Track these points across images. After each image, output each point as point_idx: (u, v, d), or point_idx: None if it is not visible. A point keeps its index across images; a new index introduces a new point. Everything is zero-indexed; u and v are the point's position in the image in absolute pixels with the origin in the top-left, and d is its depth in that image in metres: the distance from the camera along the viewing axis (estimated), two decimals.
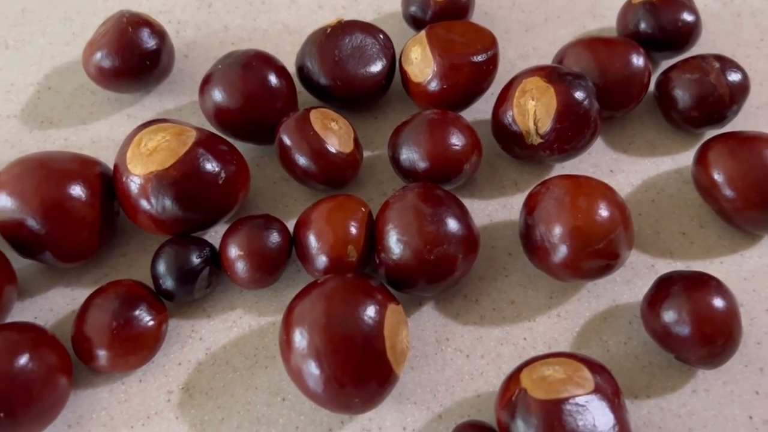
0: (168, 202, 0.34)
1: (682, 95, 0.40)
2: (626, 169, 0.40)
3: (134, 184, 0.35)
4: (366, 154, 0.41)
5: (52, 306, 0.37)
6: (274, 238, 0.35)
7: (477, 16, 0.46)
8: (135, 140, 0.36)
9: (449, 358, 0.35)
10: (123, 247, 0.38)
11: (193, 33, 0.46)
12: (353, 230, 0.35)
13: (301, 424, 0.33)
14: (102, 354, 0.34)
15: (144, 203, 0.35)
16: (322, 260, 0.35)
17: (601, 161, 0.41)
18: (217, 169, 0.35)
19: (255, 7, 0.47)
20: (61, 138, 0.42)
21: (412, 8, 0.44)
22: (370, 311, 0.32)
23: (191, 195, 0.35)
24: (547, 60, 0.44)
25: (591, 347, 0.35)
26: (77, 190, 0.35)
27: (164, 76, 0.43)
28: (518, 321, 0.36)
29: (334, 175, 0.38)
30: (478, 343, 0.35)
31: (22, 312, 0.36)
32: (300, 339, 0.31)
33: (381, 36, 0.42)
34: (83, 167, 0.36)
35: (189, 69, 0.45)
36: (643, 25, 0.42)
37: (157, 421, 0.34)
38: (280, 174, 0.40)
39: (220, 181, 0.36)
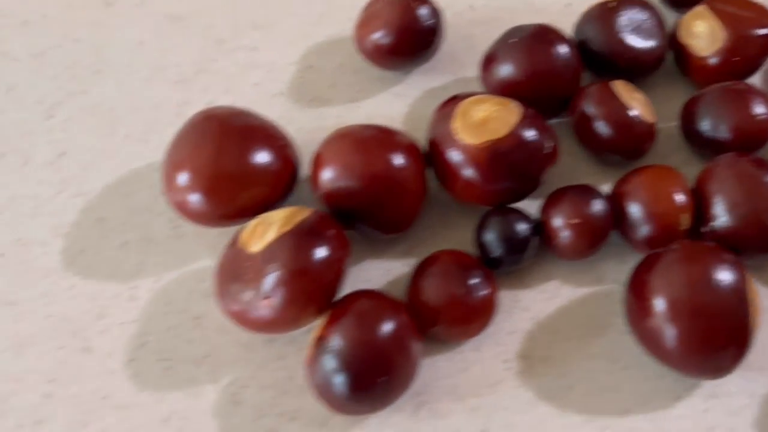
0: (503, 171, 0.35)
1: None
2: None
3: (467, 153, 0.35)
4: None
5: (369, 277, 0.37)
6: (600, 206, 0.36)
7: None
8: (459, 111, 0.36)
9: None
10: (425, 220, 0.38)
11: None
12: (682, 198, 0.35)
13: (648, 390, 0.33)
14: (444, 322, 0.34)
15: (473, 173, 0.35)
16: (649, 229, 0.35)
17: None
18: (543, 139, 0.36)
19: None
20: (333, 115, 0.42)
21: None
22: (733, 274, 0.32)
23: (522, 164, 0.35)
24: None
25: None
26: (402, 161, 0.35)
27: (433, 55, 0.43)
28: None
29: (637, 145, 0.38)
30: None
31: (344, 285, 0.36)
32: (662, 305, 0.31)
33: (656, 12, 0.42)
34: (399, 138, 0.36)
35: (444, 48, 0.45)
36: None
37: (503, 389, 0.34)
38: (564, 148, 0.40)
39: (545, 152, 0.36)
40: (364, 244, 0.38)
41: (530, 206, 0.37)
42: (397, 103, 0.43)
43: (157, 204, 0.38)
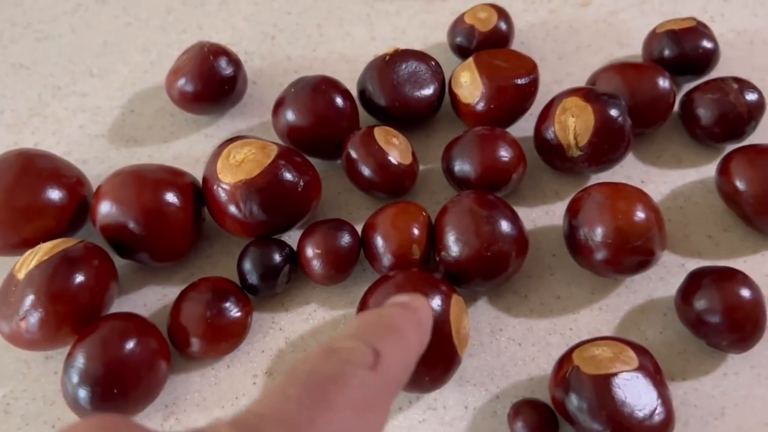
0: (255, 207, 0.39)
1: (704, 113, 0.44)
2: (656, 180, 0.45)
3: (225, 191, 0.39)
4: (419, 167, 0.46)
5: (145, 302, 0.41)
6: (346, 239, 0.40)
7: (515, 46, 0.51)
8: (224, 153, 0.40)
9: (503, 346, 0.39)
10: (207, 250, 0.43)
11: (259, 62, 0.51)
12: (416, 231, 0.39)
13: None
14: (196, 341, 0.38)
15: (233, 208, 0.39)
16: (389, 258, 0.39)
17: (632, 173, 0.45)
18: (296, 178, 0.40)
19: (313, 39, 0.53)
20: (145, 155, 0.47)
21: (458, 38, 0.49)
22: (438, 299, 0.36)
23: (275, 201, 0.39)
24: (580, 84, 0.49)
25: (630, 336, 0.39)
26: (173, 198, 0.40)
27: (238, 100, 0.48)
28: (564, 314, 0.40)
29: (396, 185, 0.43)
30: (528, 333, 0.40)
31: (119, 307, 0.41)
32: None
33: (432, 63, 0.47)
34: (176, 177, 0.41)
35: (257, 94, 0.50)
36: (667, 52, 0.47)
37: (245, 402, 0.38)
38: (344, 185, 0.45)
39: (299, 189, 0.40)
40: (145, 272, 0.42)
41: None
42: (205, 144, 0.48)
43: None
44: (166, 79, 0.47)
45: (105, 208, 0.39)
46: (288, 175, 0.40)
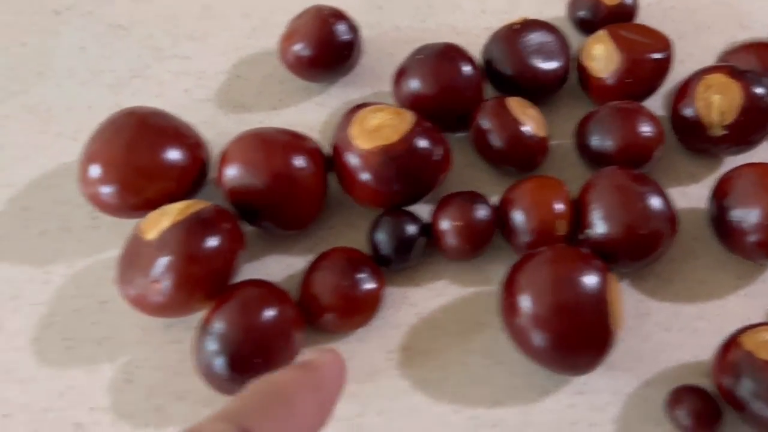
0: (391, 174, 0.37)
1: None
2: None
3: (360, 156, 0.37)
4: None
5: (269, 271, 0.39)
6: (484, 212, 0.38)
7: None
8: (357, 118, 0.38)
9: (650, 330, 0.37)
10: (328, 221, 0.41)
11: (368, 32, 0.49)
12: (560, 206, 0.37)
13: (518, 385, 0.35)
14: (330, 313, 0.36)
15: (367, 175, 0.37)
16: (529, 235, 0.37)
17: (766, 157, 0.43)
18: (432, 147, 0.38)
19: (421, 11, 0.51)
20: (255, 121, 0.45)
21: (582, 12, 0.47)
22: (595, 277, 0.34)
23: (411, 169, 0.37)
24: (704, 65, 0.47)
25: None
26: (304, 162, 0.38)
27: (352, 68, 0.46)
28: (710, 299, 0.38)
29: (529, 158, 0.41)
30: (674, 318, 0.38)
31: (243, 276, 0.38)
32: (527, 303, 0.33)
33: (560, 34, 0.45)
34: (304, 142, 0.39)
35: (368, 63, 0.48)
36: None
37: (382, 378, 0.36)
38: (465, 160, 0.43)
39: (434, 158, 0.38)
40: (267, 240, 0.40)
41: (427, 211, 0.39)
42: (317, 112, 0.46)
43: (79, 196, 0.41)
44: (281, 44, 0.45)
45: (232, 172, 0.37)
46: (426, 144, 0.38)
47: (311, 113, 0.46)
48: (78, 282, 0.39)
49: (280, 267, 0.39)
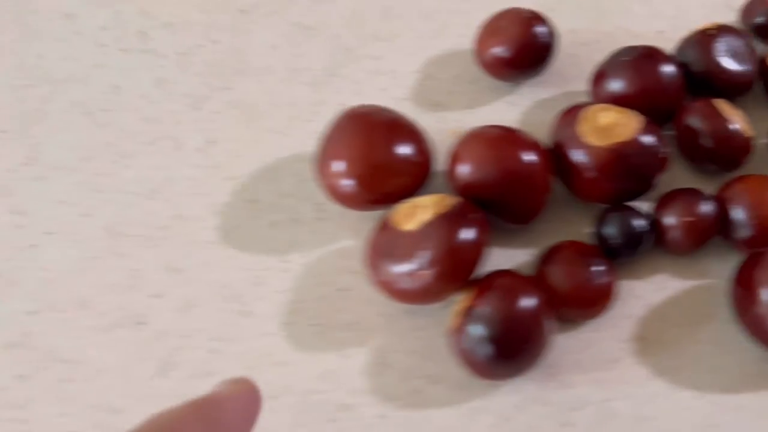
0: (622, 171, 0.39)
1: None
2: None
3: (594, 154, 0.39)
4: None
5: (495, 263, 0.41)
6: (709, 208, 0.40)
7: None
8: (584, 116, 0.40)
9: None
10: (545, 215, 0.42)
11: None
12: None
13: (752, 372, 0.37)
14: (567, 304, 0.38)
15: (596, 172, 0.39)
16: (752, 231, 0.39)
17: None
18: (660, 145, 0.40)
19: (593, 14, 0.52)
20: (453, 120, 0.47)
21: (759, 18, 0.49)
22: None
23: (640, 166, 0.39)
24: None
25: None
26: (532, 158, 0.40)
27: (544, 69, 0.48)
28: None
29: (734, 157, 0.43)
30: None
31: None
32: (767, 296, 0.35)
33: (749, 39, 0.46)
34: (528, 139, 0.41)
35: (552, 65, 0.49)
36: None
37: (622, 366, 0.38)
38: None
39: (660, 157, 0.40)
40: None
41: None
42: (509, 111, 0.47)
43: (302, 190, 0.43)
44: (478, 44, 0.47)
45: (465, 169, 0.39)
46: (656, 142, 0.40)
47: (505, 112, 0.47)
48: (316, 270, 0.40)
49: (503, 259, 0.41)
